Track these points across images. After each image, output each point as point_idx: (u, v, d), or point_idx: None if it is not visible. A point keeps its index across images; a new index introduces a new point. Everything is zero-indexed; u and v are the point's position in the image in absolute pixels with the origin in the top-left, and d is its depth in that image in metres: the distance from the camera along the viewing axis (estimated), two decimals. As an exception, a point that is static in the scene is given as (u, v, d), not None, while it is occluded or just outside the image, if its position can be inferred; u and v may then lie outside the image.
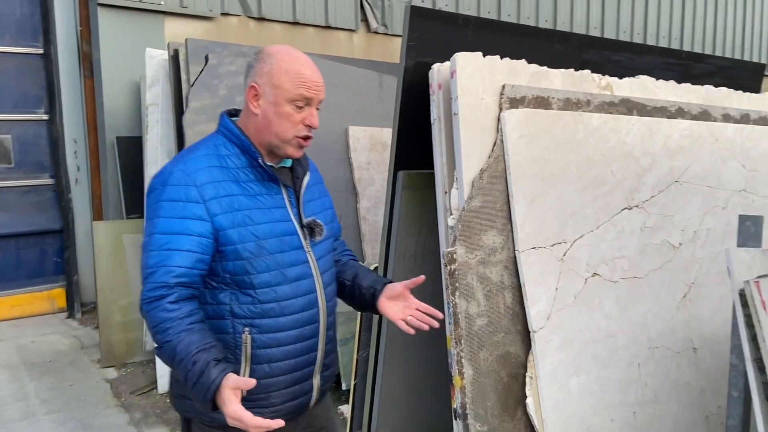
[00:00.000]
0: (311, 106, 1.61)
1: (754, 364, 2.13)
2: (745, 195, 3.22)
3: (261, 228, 1.57)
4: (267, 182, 1.62)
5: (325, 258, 1.74)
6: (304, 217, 1.67)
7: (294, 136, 1.60)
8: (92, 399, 3.96)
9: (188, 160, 1.58)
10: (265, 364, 1.60)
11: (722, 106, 3.27)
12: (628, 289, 2.68)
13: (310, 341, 1.67)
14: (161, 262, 1.48)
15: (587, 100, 2.74)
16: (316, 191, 1.80)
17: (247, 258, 1.55)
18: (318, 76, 1.62)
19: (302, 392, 1.70)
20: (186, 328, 1.44)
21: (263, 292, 1.57)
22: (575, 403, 2.42)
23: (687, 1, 9.67)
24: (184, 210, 1.51)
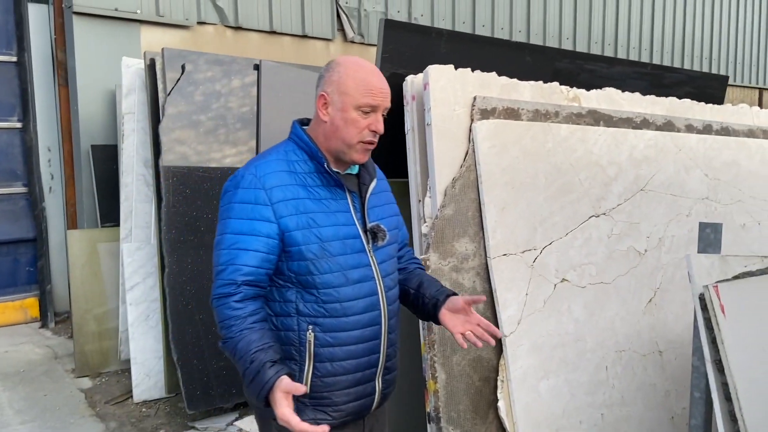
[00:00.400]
0: (377, 112, 1.65)
1: (713, 365, 2.22)
2: (708, 203, 3.34)
3: (324, 231, 1.63)
4: (333, 187, 1.67)
5: (388, 263, 1.76)
6: (368, 222, 1.71)
7: (359, 141, 1.65)
8: (66, 409, 3.93)
9: (259, 164, 1.65)
10: (328, 363, 1.64)
11: (685, 117, 3.40)
12: (595, 294, 2.76)
13: (372, 343, 1.70)
14: (230, 260, 1.58)
15: (556, 112, 2.83)
16: (383, 198, 1.82)
17: (311, 259, 1.61)
18: (384, 84, 1.67)
19: (365, 394, 1.72)
20: (248, 326, 1.53)
21: (326, 293, 1.62)
22: (545, 405, 2.49)
23: (656, 13, 9.91)
24: (253, 212, 1.59)
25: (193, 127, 3.87)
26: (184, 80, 3.87)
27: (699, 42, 10.68)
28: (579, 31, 8.93)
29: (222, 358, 3.82)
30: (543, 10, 8.47)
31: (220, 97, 4.00)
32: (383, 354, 1.73)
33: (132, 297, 4.11)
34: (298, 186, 1.64)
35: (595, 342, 2.71)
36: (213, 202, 3.88)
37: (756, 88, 12.21)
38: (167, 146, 3.77)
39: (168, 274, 3.71)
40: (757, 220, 3.57)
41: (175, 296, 3.71)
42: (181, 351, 3.69)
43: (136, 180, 4.23)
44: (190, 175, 3.82)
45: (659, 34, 10.03)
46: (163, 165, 3.73)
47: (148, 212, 4.20)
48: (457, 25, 7.53)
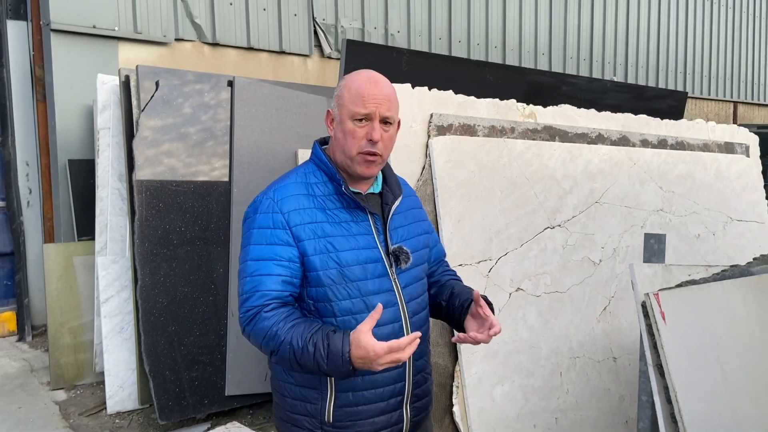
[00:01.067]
0: (372, 120, 1.59)
1: (655, 369, 2.34)
2: (662, 214, 3.47)
3: (344, 255, 1.58)
4: (353, 209, 1.63)
5: (413, 286, 1.70)
6: (391, 245, 1.65)
7: (358, 152, 1.59)
8: (40, 421, 3.97)
9: (277, 188, 1.63)
10: (349, 393, 1.60)
11: (640, 132, 3.54)
12: (550, 302, 2.88)
13: (396, 371, 1.63)
14: (254, 287, 1.55)
15: (512, 128, 2.95)
16: (410, 216, 1.76)
17: (328, 285, 1.57)
18: (378, 91, 1.59)
19: (391, 423, 1.66)
20: (291, 324, 1.49)
21: (343, 320, 1.57)
22: (499, 410, 2.59)
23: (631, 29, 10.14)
24: (272, 236, 1.57)
25: (166, 143, 3.96)
26: (158, 97, 3.97)
27: (673, 57, 10.93)
28: (554, 46, 9.13)
29: (194, 369, 3.89)
30: (519, 26, 8.66)
31: (195, 113, 4.09)
32: (409, 382, 1.67)
33: (106, 310, 4.16)
34: (317, 209, 1.60)
35: (549, 349, 2.82)
36: (186, 216, 3.96)
37: (731, 102, 12.49)
38: (140, 161, 3.85)
39: (141, 287, 3.78)
40: (711, 231, 3.71)
41: (148, 308, 3.78)
42: (153, 362, 3.75)
43: (111, 194, 4.30)
44: (163, 189, 3.90)
45: (634, 49, 10.27)
46: (136, 179, 3.82)
47: (123, 226, 4.27)
48: (433, 41, 7.69)
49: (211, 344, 3.97)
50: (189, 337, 3.90)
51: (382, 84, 1.62)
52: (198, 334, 3.93)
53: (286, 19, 6.46)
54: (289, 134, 4.46)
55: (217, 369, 3.96)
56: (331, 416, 1.61)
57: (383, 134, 1.60)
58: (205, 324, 3.96)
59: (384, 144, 1.61)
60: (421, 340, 1.65)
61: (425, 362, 1.74)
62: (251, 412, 4.12)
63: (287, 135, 4.44)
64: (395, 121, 1.65)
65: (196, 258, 3.98)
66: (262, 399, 4.13)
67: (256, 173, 4.22)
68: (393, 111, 1.62)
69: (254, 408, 4.15)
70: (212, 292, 4.01)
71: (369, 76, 1.63)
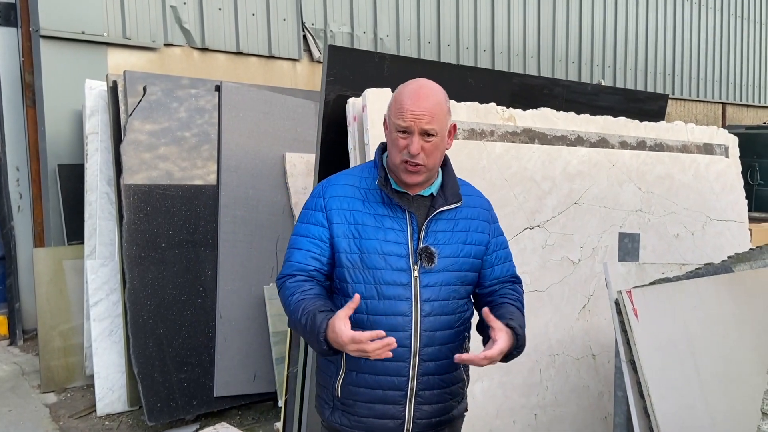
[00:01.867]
0: (412, 134, 1.67)
1: (628, 364, 2.40)
2: (641, 214, 3.54)
3: (367, 243, 1.71)
4: (393, 206, 1.74)
5: (438, 288, 1.73)
6: (422, 244, 1.72)
7: (401, 161, 1.70)
8: (31, 423, 4.00)
9: (331, 178, 1.83)
10: (354, 372, 1.73)
11: (619, 134, 3.60)
12: (529, 301, 2.91)
13: (396, 364, 1.69)
14: (288, 257, 1.77)
15: (491, 131, 3.02)
16: (462, 225, 1.80)
17: (347, 267, 1.71)
18: (418, 107, 1.67)
19: (388, 415, 1.72)
20: (301, 297, 1.66)
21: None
22: (479, 407, 2.65)
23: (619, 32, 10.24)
24: (311, 217, 1.77)
25: (154, 147, 4.01)
26: (146, 101, 4.02)
27: (662, 59, 11.04)
28: (543, 49, 9.21)
29: (183, 371, 3.93)
30: (507, 29, 8.74)
31: (183, 117, 4.14)
32: (413, 380, 1.71)
33: (96, 313, 4.21)
34: (357, 199, 1.75)
35: (528, 346, 2.84)
36: (173, 219, 4.01)
37: (719, 103, 12.60)
38: (128, 165, 3.90)
39: (129, 290, 3.83)
40: (690, 230, 3.78)
41: (136, 311, 3.82)
42: (141, 364, 3.80)
43: (100, 198, 4.34)
44: (150, 192, 3.95)
45: (622, 52, 10.37)
46: (124, 183, 3.86)
47: (111, 230, 4.31)
48: (422, 45, 7.76)
49: (200, 346, 4.01)
50: (177, 339, 3.94)
51: (424, 98, 1.68)
52: (186, 336, 3.97)
53: (275, 23, 6.52)
54: (277, 138, 4.51)
55: (205, 370, 4.01)
56: (339, 391, 1.75)
57: (424, 145, 1.68)
58: (194, 326, 4.01)
59: (426, 154, 1.68)
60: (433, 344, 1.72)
61: (440, 367, 1.75)
62: (239, 412, 4.16)
63: (275, 139, 4.50)
64: (439, 132, 1.69)
65: (184, 261, 4.03)
66: (250, 400, 4.18)
67: (244, 177, 4.27)
68: (435, 124, 1.68)
69: (243, 409, 4.19)
70: (200, 294, 4.05)
71: (412, 90, 1.70)
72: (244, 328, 4.13)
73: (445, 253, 1.74)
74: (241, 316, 4.13)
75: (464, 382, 1.88)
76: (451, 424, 1.86)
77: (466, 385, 1.89)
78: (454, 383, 1.81)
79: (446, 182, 1.81)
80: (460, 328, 1.81)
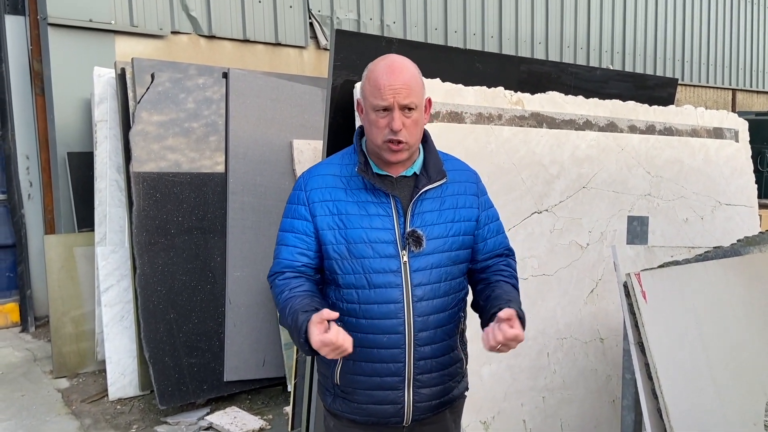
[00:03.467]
0: (393, 110, 1.62)
1: (636, 347, 2.40)
2: (650, 199, 3.53)
3: (353, 232, 1.67)
4: (376, 190, 1.69)
5: (427, 272, 1.69)
6: (408, 227, 1.68)
7: (383, 141, 1.65)
8: (43, 408, 4.06)
9: (312, 168, 1.78)
10: (351, 361, 1.69)
11: (628, 118, 3.59)
12: (537, 285, 2.94)
13: (390, 351, 1.68)
14: (276, 254, 1.75)
15: (499, 115, 3.01)
16: (448, 202, 1.76)
17: (335, 258, 1.68)
18: (395, 81, 1.62)
19: (387, 401, 1.71)
20: (289, 296, 1.64)
21: (347, 293, 1.68)
22: (487, 389, 2.66)
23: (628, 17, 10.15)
24: (295, 212, 1.73)
25: (163, 134, 4.03)
26: (154, 88, 4.03)
27: (671, 44, 10.93)
28: (551, 35, 9.15)
29: (193, 356, 3.97)
30: (515, 16, 8.68)
31: (190, 104, 4.15)
32: (410, 365, 1.69)
33: (107, 299, 4.24)
34: (339, 188, 1.70)
35: (536, 330, 2.89)
36: (183, 206, 4.03)
37: (729, 89, 12.49)
38: (137, 152, 3.92)
39: (139, 275, 3.86)
40: (700, 215, 3.77)
41: (147, 296, 3.86)
42: (152, 349, 3.84)
43: (109, 185, 4.37)
44: (160, 179, 3.97)
45: (631, 37, 10.28)
46: (133, 170, 3.88)
47: (121, 216, 4.34)
48: (429, 31, 7.72)
49: (210, 331, 4.05)
50: (187, 325, 3.98)
51: (398, 71, 1.64)
52: (196, 322, 4.01)
53: (281, 11, 6.51)
54: (284, 125, 4.52)
55: (215, 355, 4.04)
56: (338, 379, 1.74)
57: (405, 121, 1.63)
58: (204, 311, 4.04)
59: (408, 131, 1.64)
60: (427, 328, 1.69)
61: (436, 351, 1.72)
62: (249, 397, 4.20)
63: (282, 125, 4.50)
64: (418, 105, 1.65)
65: (194, 247, 4.05)
66: (260, 385, 4.22)
67: (252, 163, 4.28)
68: (413, 97, 1.63)
69: (252, 393, 4.23)
70: (210, 280, 4.08)
71: (386, 66, 1.65)
72: (253, 314, 4.16)
73: (433, 234, 1.70)
74: (250, 302, 4.16)
75: (462, 362, 1.85)
76: (452, 404, 1.84)
77: (464, 365, 1.87)
78: (452, 364, 1.79)
79: (428, 159, 1.75)
80: (455, 309, 1.77)
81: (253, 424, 3.76)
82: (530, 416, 2.80)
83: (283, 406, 4.02)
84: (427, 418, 1.78)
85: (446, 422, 1.85)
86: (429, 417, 1.78)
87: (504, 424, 2.69)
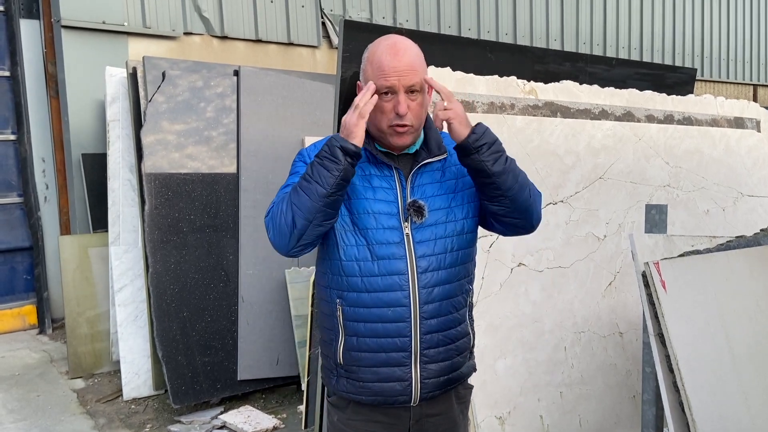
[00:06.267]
0: (397, 93, 1.59)
1: (656, 338, 2.32)
2: (669, 190, 3.44)
3: (356, 203, 1.64)
4: (380, 164, 1.67)
5: (431, 243, 1.66)
6: (409, 198, 1.66)
7: (388, 125, 1.62)
8: (58, 407, 4.06)
9: (317, 142, 1.72)
10: (353, 337, 1.65)
11: (645, 107, 3.50)
12: (553, 277, 2.87)
13: (396, 324, 1.63)
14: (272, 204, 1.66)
15: (511, 104, 2.95)
16: (449, 173, 1.73)
17: (338, 229, 1.63)
18: (399, 62, 1.59)
19: (394, 378, 1.66)
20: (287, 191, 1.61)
21: (349, 265, 1.63)
22: (502, 383, 2.60)
23: (645, 12, 10.01)
24: (299, 169, 1.68)
25: (174, 132, 4.01)
26: (165, 87, 4.02)
27: (690, 40, 10.76)
28: (566, 32, 9.05)
29: (207, 354, 3.95)
30: (529, 12, 8.60)
31: (202, 101, 4.14)
32: (416, 339, 1.64)
33: (121, 298, 4.24)
34: None
35: (553, 323, 2.81)
36: (195, 204, 4.02)
37: (750, 85, 12.27)
38: (149, 150, 3.91)
39: (152, 274, 3.84)
40: (721, 206, 3.67)
41: (159, 295, 3.84)
42: (165, 348, 3.82)
43: (122, 185, 4.37)
44: (171, 178, 3.96)
45: (648, 33, 10.13)
46: (145, 169, 3.88)
47: (134, 216, 4.34)
48: (442, 29, 7.66)
49: (223, 330, 4.02)
50: (201, 323, 3.95)
51: (402, 52, 1.60)
52: (209, 320, 3.98)
53: (293, 10, 6.49)
54: (295, 122, 4.49)
55: (229, 354, 4.02)
56: (341, 358, 1.68)
57: (410, 104, 1.60)
58: (216, 310, 4.02)
59: (413, 113, 1.61)
60: (433, 301, 1.65)
61: (442, 324, 1.68)
62: (263, 396, 4.17)
63: (294, 123, 4.48)
64: (422, 87, 1.63)
65: (206, 245, 4.03)
66: (274, 383, 4.18)
67: (263, 161, 4.26)
68: (418, 77, 1.61)
69: (266, 392, 4.20)
70: (222, 278, 4.06)
71: (388, 47, 1.62)
72: (266, 312, 4.13)
73: (435, 206, 1.67)
74: (263, 300, 4.12)
75: (470, 337, 1.79)
76: (461, 384, 1.79)
77: (472, 341, 1.80)
78: (459, 338, 1.74)
79: (428, 135, 1.72)
80: (462, 281, 1.73)
81: (267, 423, 3.72)
82: (547, 411, 2.72)
83: (297, 405, 3.98)
84: (435, 403, 1.72)
85: (453, 413, 1.79)
86: (437, 397, 1.72)
87: (520, 419, 2.62)
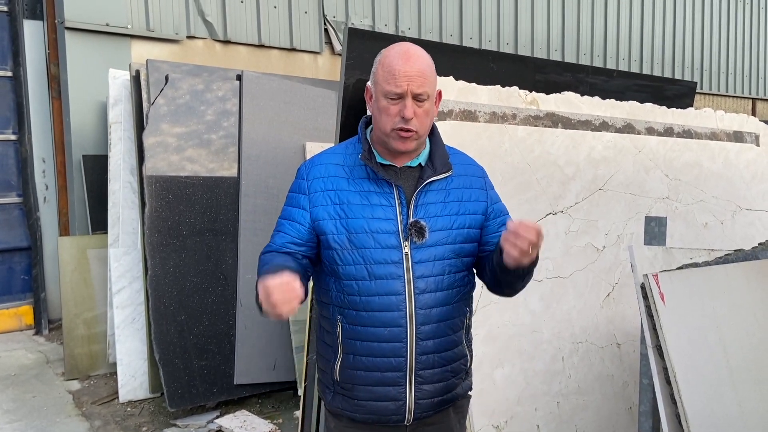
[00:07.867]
0: (405, 98, 1.60)
1: (654, 350, 2.33)
2: (668, 202, 3.45)
3: (354, 222, 1.63)
4: (379, 180, 1.66)
5: (429, 264, 1.65)
6: (411, 218, 1.64)
7: (392, 128, 1.62)
8: (54, 409, 4.05)
9: (316, 156, 1.75)
10: (351, 355, 1.66)
11: (646, 120, 3.52)
12: (552, 287, 2.88)
13: (392, 344, 1.63)
14: (271, 237, 1.72)
15: (513, 114, 2.97)
16: (454, 194, 1.72)
17: (335, 249, 1.64)
18: (410, 68, 1.59)
19: (388, 397, 1.66)
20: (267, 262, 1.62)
21: (347, 284, 1.64)
22: (500, 392, 2.60)
23: (645, 25, 10.06)
24: (294, 200, 1.71)
25: (176, 136, 4.02)
26: (168, 90, 4.03)
27: (689, 53, 10.82)
28: (567, 43, 9.09)
29: (204, 358, 3.94)
30: (530, 22, 8.64)
31: (203, 104, 4.15)
32: (411, 360, 1.64)
33: (119, 300, 4.24)
34: (341, 177, 1.67)
35: (551, 333, 2.82)
36: (195, 207, 4.03)
37: (749, 98, 12.32)
38: (150, 153, 3.92)
39: (150, 277, 3.84)
40: (720, 219, 3.69)
41: (158, 298, 3.84)
42: (162, 351, 3.81)
43: (123, 187, 4.38)
44: (172, 181, 3.96)
45: (648, 45, 10.18)
46: (146, 171, 3.88)
47: (134, 218, 4.35)
48: (444, 37, 7.70)
49: (221, 334, 4.02)
50: (198, 327, 3.95)
51: (414, 59, 1.61)
52: (207, 324, 3.98)
53: (296, 16, 6.52)
54: (297, 127, 4.50)
55: (226, 358, 4.01)
56: (338, 375, 1.69)
57: (416, 110, 1.61)
58: (215, 314, 4.02)
59: (419, 120, 1.62)
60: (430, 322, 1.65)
61: (438, 345, 1.67)
62: (260, 401, 4.16)
63: (295, 128, 4.49)
64: (430, 96, 1.64)
65: (206, 249, 4.04)
66: (270, 389, 4.18)
67: (265, 166, 4.27)
68: (426, 86, 1.61)
69: (263, 397, 4.19)
70: (221, 282, 4.06)
71: (401, 52, 1.62)
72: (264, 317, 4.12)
73: (437, 226, 1.66)
74: (262, 305, 4.12)
75: (467, 359, 1.78)
76: (456, 403, 1.78)
77: (469, 362, 1.80)
78: (456, 360, 1.73)
79: (434, 151, 1.71)
80: (459, 303, 1.72)
81: (263, 428, 3.72)
82: (544, 422, 2.73)
83: (293, 411, 3.98)
84: (430, 417, 1.72)
85: (450, 422, 1.78)
86: (431, 416, 1.71)
87: (517, 428, 2.63)
